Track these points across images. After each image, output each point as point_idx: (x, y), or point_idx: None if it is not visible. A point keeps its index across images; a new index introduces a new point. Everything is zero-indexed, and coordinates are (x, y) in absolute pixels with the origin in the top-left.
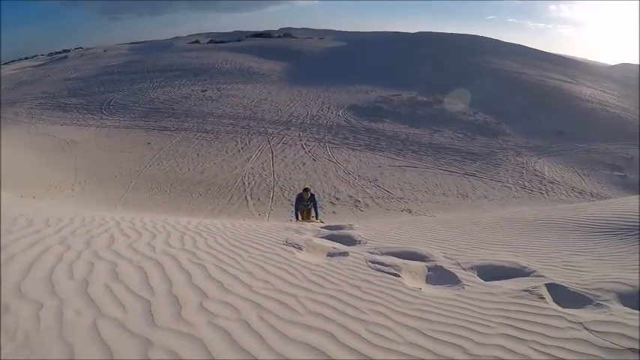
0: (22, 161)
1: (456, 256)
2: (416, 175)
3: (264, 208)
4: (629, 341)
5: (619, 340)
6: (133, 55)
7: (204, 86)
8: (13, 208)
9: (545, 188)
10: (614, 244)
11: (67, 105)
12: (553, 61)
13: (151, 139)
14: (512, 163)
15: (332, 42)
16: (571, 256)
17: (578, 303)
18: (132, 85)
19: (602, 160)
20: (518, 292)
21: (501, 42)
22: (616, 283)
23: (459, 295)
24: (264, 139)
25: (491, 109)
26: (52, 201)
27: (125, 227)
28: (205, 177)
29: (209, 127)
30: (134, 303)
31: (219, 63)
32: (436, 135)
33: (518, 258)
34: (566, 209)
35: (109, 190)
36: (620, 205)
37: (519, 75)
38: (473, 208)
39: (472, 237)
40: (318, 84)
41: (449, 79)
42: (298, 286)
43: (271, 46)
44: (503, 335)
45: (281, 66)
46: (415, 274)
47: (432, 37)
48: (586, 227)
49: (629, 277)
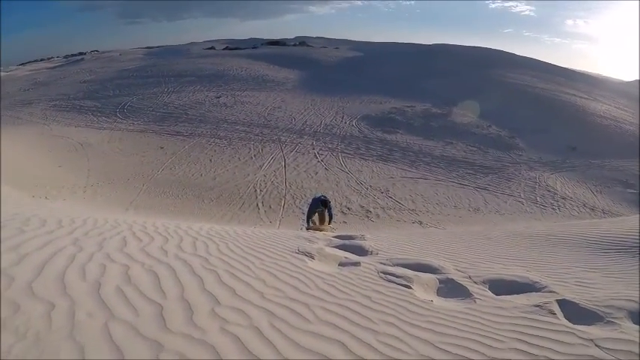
0: (35, 161)
1: (467, 270)
2: (428, 187)
3: (275, 216)
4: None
5: (630, 357)
6: (149, 59)
7: (218, 92)
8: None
9: (557, 204)
10: (627, 262)
11: (82, 107)
12: (568, 76)
13: (164, 143)
14: (525, 178)
15: (347, 52)
16: (583, 273)
17: (589, 320)
18: (147, 90)
19: (615, 177)
20: (529, 307)
21: (516, 56)
22: (628, 301)
23: (470, 308)
24: (277, 147)
25: (504, 123)
26: (64, 202)
27: (137, 230)
28: (217, 183)
29: (222, 133)
30: (146, 306)
31: (234, 70)
32: (449, 147)
33: (530, 273)
34: (578, 225)
35: (121, 193)
36: (632, 222)
37: (534, 89)
38: (484, 222)
39: (483, 251)
40: (332, 93)
41: (463, 91)
42: (310, 295)
43: (287, 54)
44: (514, 350)
45: (296, 74)
46: (426, 286)
47: (447, 49)
48: (598, 244)
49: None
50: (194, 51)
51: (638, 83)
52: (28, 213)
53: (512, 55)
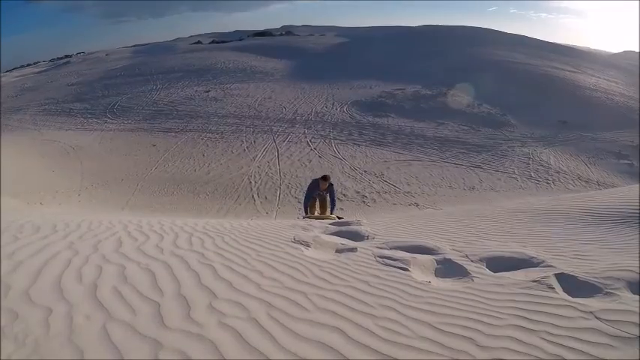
0: (28, 168)
1: (464, 249)
2: (422, 169)
3: (271, 207)
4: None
5: (630, 328)
6: (136, 58)
7: (207, 87)
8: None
9: (551, 178)
10: (623, 232)
11: (71, 110)
12: (556, 50)
13: (156, 141)
14: (518, 154)
15: (334, 38)
16: (580, 246)
17: (588, 292)
18: (135, 88)
19: (608, 148)
20: (527, 283)
21: (504, 33)
22: (625, 272)
23: (468, 287)
24: (269, 138)
25: (495, 101)
26: (60, 206)
27: (132, 230)
28: (212, 177)
29: (214, 127)
30: (143, 305)
31: (222, 63)
32: (441, 128)
33: (527, 249)
34: (573, 198)
35: (116, 194)
36: (626, 193)
37: (523, 66)
38: (480, 200)
39: (480, 229)
40: (321, 81)
41: (452, 71)
42: (307, 283)
43: (273, 44)
44: (514, 326)
45: (284, 64)
46: (424, 267)
47: (434, 30)
48: (594, 216)
49: (637, 264)
50: (181, 47)
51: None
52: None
53: (499, 33)
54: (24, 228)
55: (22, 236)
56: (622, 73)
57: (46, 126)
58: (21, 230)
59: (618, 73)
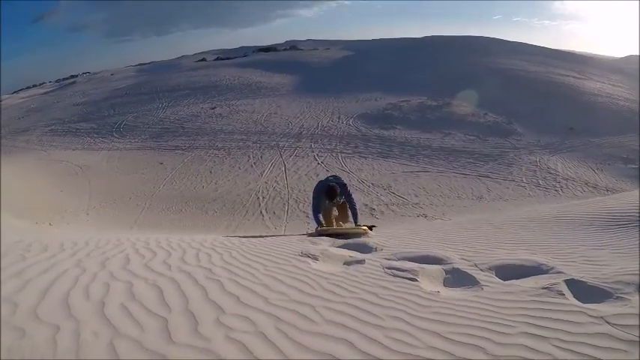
0: (36, 188)
1: (472, 258)
2: (430, 180)
3: (280, 222)
4: None
5: None
6: (141, 76)
7: (213, 103)
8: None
9: (559, 185)
10: (632, 236)
11: (78, 130)
12: (560, 57)
13: (163, 159)
14: (526, 162)
15: (338, 52)
16: (589, 251)
17: (599, 297)
18: (141, 107)
19: (615, 153)
20: (537, 290)
21: (507, 41)
22: (635, 276)
23: (478, 296)
24: (276, 153)
25: (501, 109)
26: (68, 226)
27: (140, 247)
28: (219, 194)
29: (220, 143)
30: (150, 321)
31: (227, 79)
32: (447, 138)
33: (537, 256)
34: (581, 205)
35: (124, 212)
36: (634, 197)
37: (527, 73)
38: (488, 210)
39: (488, 238)
40: (327, 94)
41: (457, 81)
42: (315, 296)
43: (278, 59)
44: (525, 334)
45: (289, 79)
46: (433, 277)
47: (437, 40)
48: (602, 221)
49: None
50: (185, 64)
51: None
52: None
53: (503, 41)
54: (32, 247)
55: (29, 255)
56: (626, 77)
57: (52, 146)
58: (29, 249)
59: (622, 77)
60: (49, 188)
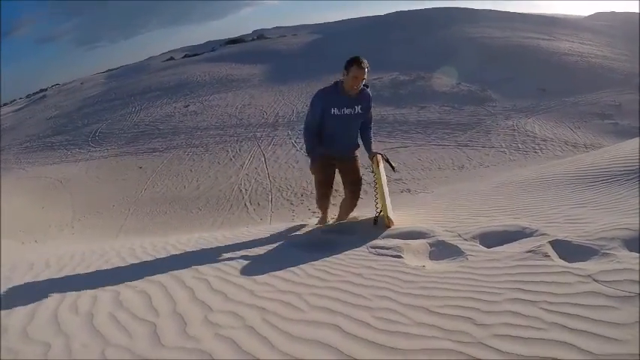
0: (18, 207)
1: (456, 228)
2: (409, 155)
3: (265, 212)
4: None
5: (629, 286)
6: (111, 82)
7: (186, 101)
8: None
9: (539, 147)
10: (614, 191)
11: (54, 144)
12: (528, 20)
13: (142, 163)
14: (503, 128)
15: (306, 36)
16: (571, 210)
17: (585, 255)
18: (114, 113)
19: (591, 110)
20: (522, 254)
21: (475, 10)
22: (619, 230)
23: (463, 266)
24: (254, 144)
25: (473, 78)
26: (54, 241)
27: (126, 255)
28: (202, 191)
29: (197, 141)
30: (139, 327)
31: (197, 76)
32: (423, 112)
33: (520, 220)
34: (561, 164)
35: (109, 221)
36: (614, 151)
37: (497, 40)
38: (471, 178)
39: (470, 207)
40: (299, 80)
41: (427, 54)
42: (300, 284)
43: (246, 50)
44: (512, 300)
45: (259, 69)
46: (417, 252)
47: (404, 15)
48: (582, 178)
49: (631, 221)
50: (154, 65)
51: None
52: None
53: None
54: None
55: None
56: (596, 35)
57: (30, 163)
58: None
59: (592, 35)
60: (30, 206)
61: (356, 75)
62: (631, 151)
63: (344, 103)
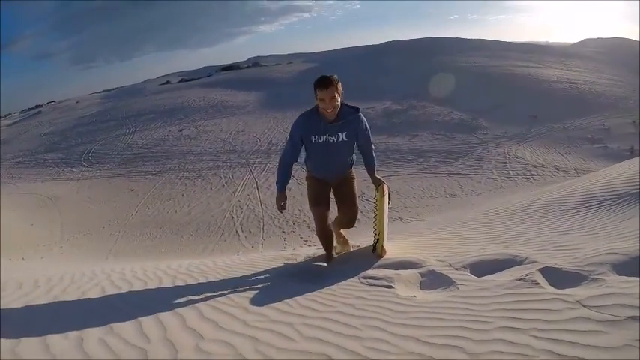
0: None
1: (447, 258)
2: (402, 183)
3: (256, 240)
4: (629, 310)
5: (617, 310)
6: (106, 103)
7: (180, 126)
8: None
9: (530, 173)
10: (602, 216)
11: (46, 161)
12: (517, 49)
13: (134, 185)
14: (494, 155)
15: (301, 65)
16: (561, 236)
17: (574, 281)
18: (108, 134)
19: (580, 135)
20: (512, 282)
21: (465, 39)
22: (608, 254)
23: (454, 295)
24: (246, 171)
25: (464, 106)
26: (42, 260)
27: (116, 278)
28: (193, 217)
29: (190, 166)
30: (130, 353)
31: (193, 101)
32: (415, 140)
33: (509, 248)
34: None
35: (98, 242)
36: (601, 176)
37: (486, 68)
38: (463, 206)
39: (461, 235)
40: (292, 108)
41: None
42: (293, 314)
43: (242, 77)
44: (502, 328)
45: (254, 96)
46: (408, 282)
47: (396, 45)
48: (570, 205)
49: (620, 245)
50: (150, 88)
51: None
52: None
53: (460, 40)
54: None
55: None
56: (583, 61)
57: (21, 179)
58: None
59: (580, 61)
60: (19, 222)
61: (322, 97)
62: (616, 177)
63: (324, 129)
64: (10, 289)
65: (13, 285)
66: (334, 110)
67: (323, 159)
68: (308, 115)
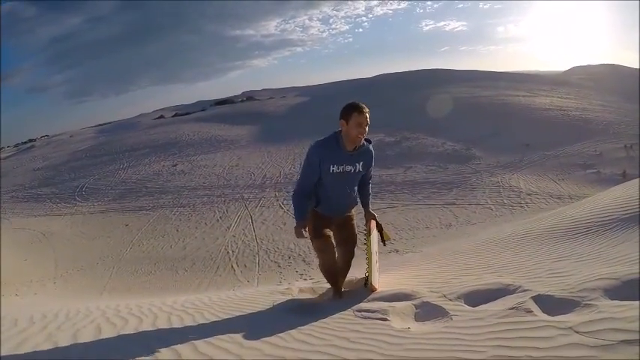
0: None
1: (441, 289)
2: (397, 215)
3: (251, 274)
4: (622, 334)
5: (611, 335)
6: (100, 137)
7: (174, 160)
8: None
9: (524, 201)
10: (593, 243)
11: (39, 195)
12: (508, 79)
13: (128, 220)
14: (488, 184)
15: (294, 98)
16: (553, 264)
17: (567, 308)
18: (102, 169)
19: (573, 162)
20: (505, 312)
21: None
22: (600, 280)
23: (448, 326)
24: (241, 205)
25: (457, 137)
26: (36, 296)
27: (111, 315)
28: (188, 252)
29: (185, 200)
30: None
31: (187, 135)
32: (409, 172)
33: (502, 277)
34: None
35: (92, 278)
36: (592, 203)
37: (478, 99)
38: (458, 236)
39: (455, 266)
40: (286, 142)
41: (411, 115)
42: (287, 348)
43: (236, 111)
44: (496, 357)
45: (248, 130)
46: (403, 314)
47: (389, 78)
48: (563, 232)
49: (612, 270)
50: (144, 122)
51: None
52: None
53: (452, 71)
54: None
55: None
56: (573, 88)
57: (14, 213)
58: None
59: (570, 89)
60: (12, 258)
61: (359, 121)
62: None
63: (344, 159)
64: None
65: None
66: (361, 140)
67: (335, 190)
68: (327, 143)
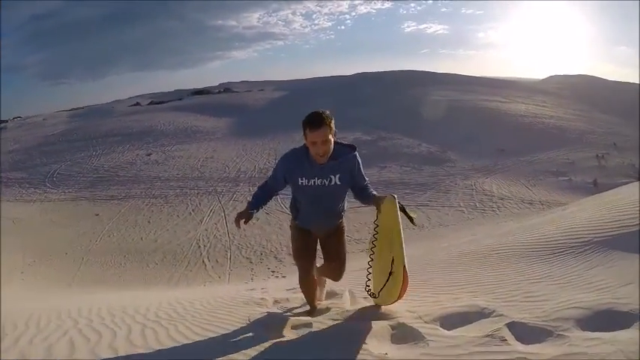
0: None
1: (417, 308)
2: (370, 214)
3: (223, 270)
4: None
5: None
6: (74, 122)
7: (148, 150)
8: None
9: (496, 205)
10: (568, 264)
11: (9, 180)
12: (486, 84)
13: (98, 210)
14: (462, 187)
15: (273, 92)
16: (529, 285)
17: (541, 337)
18: (74, 155)
19: (545, 168)
20: (481, 339)
21: (436, 73)
22: (573, 309)
23: (424, 353)
24: (214, 199)
25: (433, 139)
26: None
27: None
28: (159, 245)
29: (157, 192)
30: None
31: (162, 124)
32: (384, 172)
33: (478, 298)
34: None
35: (61, 269)
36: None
37: (456, 102)
38: (430, 238)
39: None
40: (263, 136)
41: (389, 115)
42: None
43: (212, 102)
44: None
45: (224, 122)
46: (380, 336)
47: (368, 76)
48: (538, 250)
49: (585, 298)
50: (119, 109)
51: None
52: None
53: (431, 74)
54: None
55: None
56: (549, 96)
57: None
58: None
59: (545, 97)
60: None
61: (312, 140)
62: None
63: (314, 172)
64: None
65: None
66: (325, 156)
67: (311, 205)
68: (295, 156)
